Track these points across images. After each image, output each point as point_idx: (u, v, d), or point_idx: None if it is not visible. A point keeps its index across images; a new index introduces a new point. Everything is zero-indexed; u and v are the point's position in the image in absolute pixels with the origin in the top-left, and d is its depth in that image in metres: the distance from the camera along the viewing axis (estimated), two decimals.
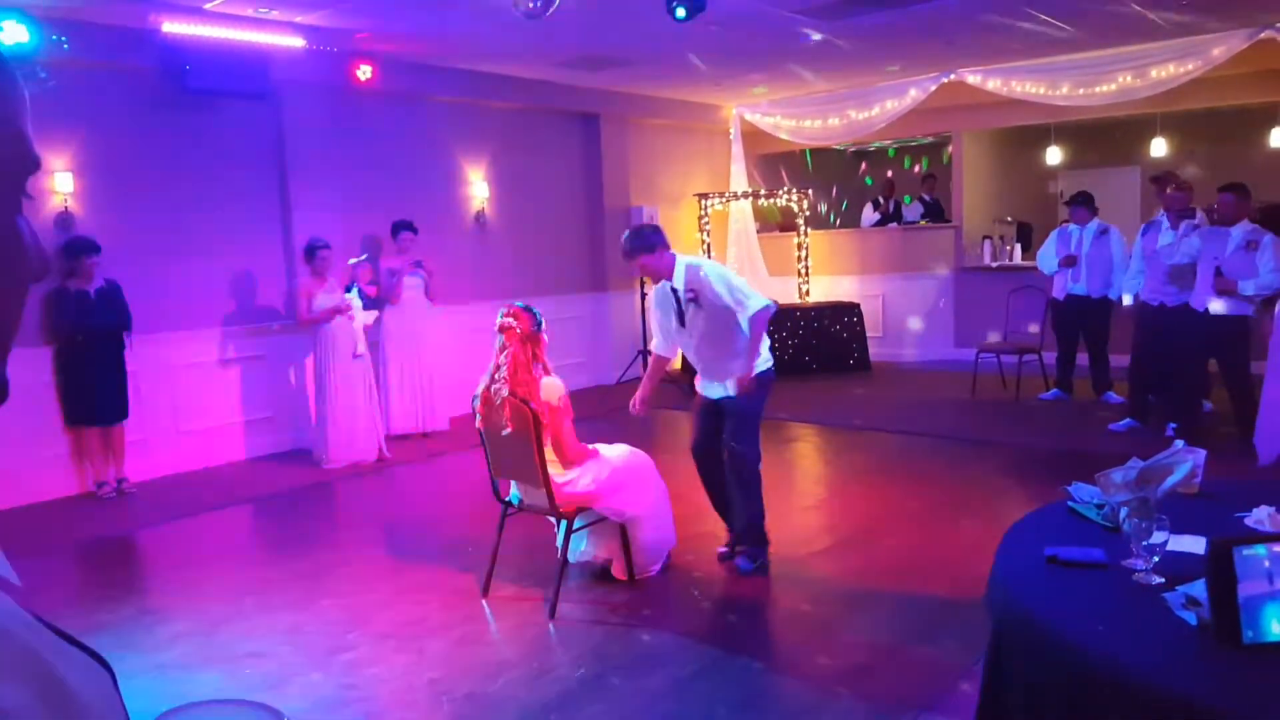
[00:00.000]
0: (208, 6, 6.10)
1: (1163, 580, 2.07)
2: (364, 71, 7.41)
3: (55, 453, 6.17)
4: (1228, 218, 6.12)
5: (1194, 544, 2.25)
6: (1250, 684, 1.66)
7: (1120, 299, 7.32)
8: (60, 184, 6.17)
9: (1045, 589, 2.13)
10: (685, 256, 4.33)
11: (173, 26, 6.18)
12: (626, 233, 4.33)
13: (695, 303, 4.22)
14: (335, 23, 6.69)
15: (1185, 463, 2.48)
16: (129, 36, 6.21)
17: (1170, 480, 2.40)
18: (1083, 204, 7.72)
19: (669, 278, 4.27)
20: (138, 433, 6.45)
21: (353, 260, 7.19)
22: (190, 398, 6.86)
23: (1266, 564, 1.70)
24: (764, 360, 4.32)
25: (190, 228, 6.82)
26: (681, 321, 4.31)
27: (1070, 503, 2.69)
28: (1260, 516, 2.42)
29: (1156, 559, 2.11)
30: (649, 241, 4.24)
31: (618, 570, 4.30)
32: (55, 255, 5.90)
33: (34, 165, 0.60)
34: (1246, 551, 1.70)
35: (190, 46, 6.28)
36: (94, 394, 6.06)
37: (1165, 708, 1.64)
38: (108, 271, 6.10)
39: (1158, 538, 2.09)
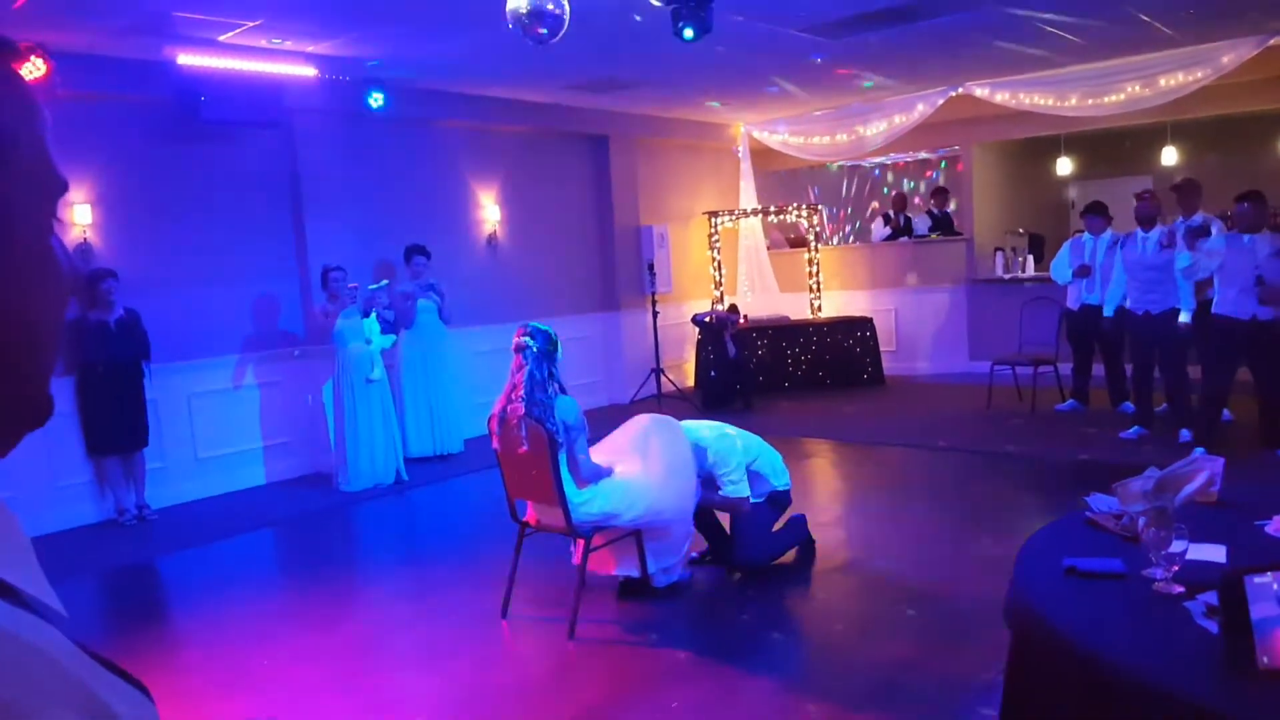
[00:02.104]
0: (222, 39, 6.20)
1: (1183, 589, 2.06)
2: (376, 99, 7.49)
3: (77, 481, 6.23)
4: (1249, 226, 6.10)
5: (1214, 552, 2.24)
6: (1273, 698, 1.65)
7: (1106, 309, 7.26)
8: (79, 216, 6.26)
9: (1065, 600, 2.13)
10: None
11: (188, 59, 6.28)
12: None
13: None
14: (347, 51, 6.79)
15: (1203, 471, 2.47)
16: (145, 69, 6.31)
17: (1188, 489, 2.40)
18: (1098, 214, 7.70)
19: None
20: (158, 460, 6.51)
21: (372, 286, 7.27)
22: (209, 424, 6.91)
23: (1275, 588, 1.71)
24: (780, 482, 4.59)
25: (207, 256, 6.91)
26: None
27: (1088, 513, 2.68)
28: None
29: (1176, 568, 2.10)
30: None
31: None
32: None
33: (62, 187, 0.61)
34: (1258, 579, 1.72)
35: (205, 78, 6.38)
36: (114, 422, 6.12)
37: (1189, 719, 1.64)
38: (126, 301, 6.18)
39: (1177, 547, 2.09)
